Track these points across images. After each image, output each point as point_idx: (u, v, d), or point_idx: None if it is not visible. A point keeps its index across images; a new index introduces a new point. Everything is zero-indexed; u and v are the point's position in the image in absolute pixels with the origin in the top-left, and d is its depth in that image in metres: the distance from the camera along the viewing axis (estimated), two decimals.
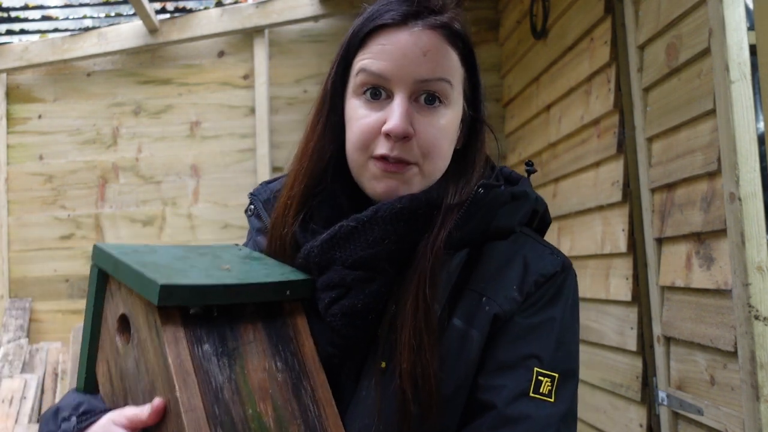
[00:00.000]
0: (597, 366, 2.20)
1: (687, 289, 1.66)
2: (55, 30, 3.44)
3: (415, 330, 0.71)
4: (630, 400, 1.98)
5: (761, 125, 1.80)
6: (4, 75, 3.43)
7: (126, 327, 0.69)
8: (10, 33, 3.42)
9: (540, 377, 0.72)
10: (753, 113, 1.41)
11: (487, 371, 0.73)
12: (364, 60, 0.76)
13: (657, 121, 1.78)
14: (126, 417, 0.66)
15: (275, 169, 3.27)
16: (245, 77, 3.37)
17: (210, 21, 3.32)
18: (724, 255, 1.48)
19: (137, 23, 3.31)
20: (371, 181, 0.77)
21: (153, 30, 3.31)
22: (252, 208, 0.88)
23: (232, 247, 0.83)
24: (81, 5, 3.35)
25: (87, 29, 3.40)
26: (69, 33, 3.41)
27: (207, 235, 3.31)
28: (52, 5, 3.35)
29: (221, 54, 3.40)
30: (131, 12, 3.34)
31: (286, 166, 0.89)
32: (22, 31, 3.43)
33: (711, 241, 1.54)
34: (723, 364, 1.51)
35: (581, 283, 2.27)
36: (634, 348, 1.92)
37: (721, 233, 1.49)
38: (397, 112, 0.74)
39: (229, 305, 0.69)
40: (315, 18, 3.30)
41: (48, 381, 3.10)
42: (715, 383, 1.53)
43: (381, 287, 0.74)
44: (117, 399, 0.71)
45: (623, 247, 1.98)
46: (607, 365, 2.12)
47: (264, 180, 0.94)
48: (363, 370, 0.75)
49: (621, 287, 2.01)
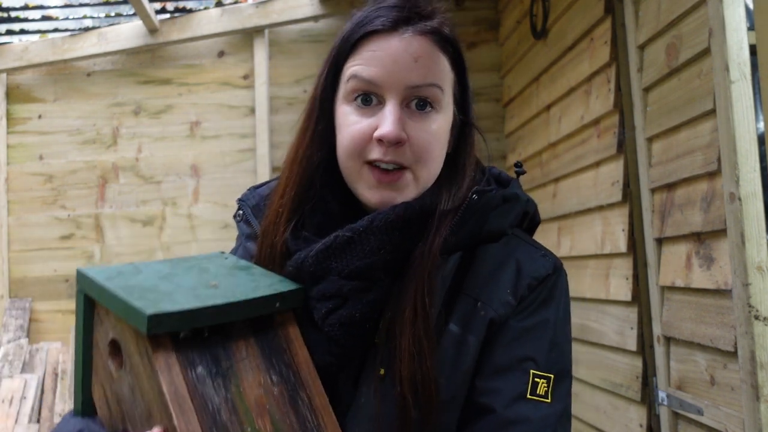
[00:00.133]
0: (597, 366, 2.20)
1: (687, 289, 1.66)
2: (55, 30, 3.44)
3: (414, 337, 0.71)
4: (630, 400, 1.98)
5: (761, 125, 1.80)
6: (4, 75, 3.43)
7: (118, 351, 0.69)
8: (10, 33, 3.42)
9: (536, 379, 0.73)
10: (753, 113, 1.41)
11: (484, 374, 0.74)
12: (354, 66, 0.76)
13: (657, 121, 1.78)
14: None
15: (275, 169, 3.27)
16: (245, 77, 3.37)
17: (210, 21, 3.32)
18: (724, 255, 1.48)
19: (137, 23, 3.31)
20: (366, 191, 0.77)
21: (153, 30, 3.31)
22: (240, 213, 0.88)
23: (217, 257, 0.81)
24: (81, 5, 3.35)
25: (87, 29, 3.40)
26: (69, 33, 3.41)
27: (207, 235, 3.31)
28: (52, 5, 3.34)
29: (221, 54, 3.40)
30: (131, 12, 3.34)
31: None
32: (22, 31, 3.43)
33: (711, 241, 1.54)
34: (723, 364, 1.51)
35: (581, 283, 2.29)
36: (634, 348, 1.92)
37: (721, 233, 1.49)
38: (390, 118, 0.74)
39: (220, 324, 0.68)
40: (315, 18, 3.30)
41: (48, 381, 3.10)
42: (715, 383, 1.53)
43: (377, 296, 0.75)
44: (115, 422, 0.70)
45: (623, 247, 1.98)
46: (607, 365, 2.12)
47: (253, 185, 0.94)
48: (361, 377, 0.75)
49: (621, 287, 2.01)
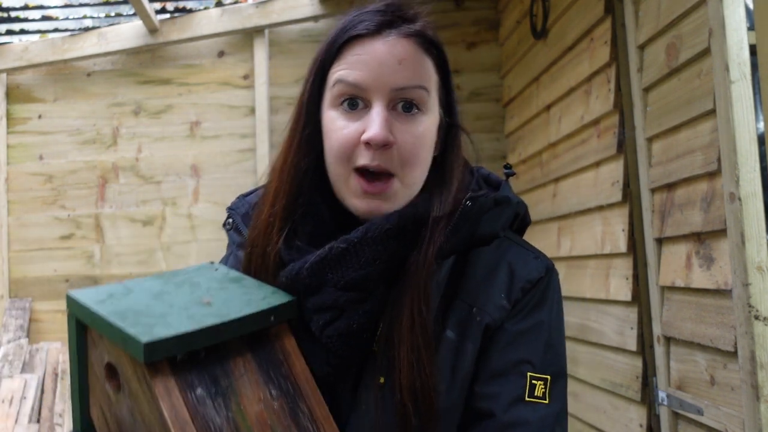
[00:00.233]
0: (597, 366, 2.20)
1: (687, 289, 1.66)
2: (55, 30, 3.44)
3: (413, 345, 0.72)
4: (630, 400, 1.98)
5: (761, 125, 1.80)
6: (4, 75, 3.43)
7: (114, 374, 0.68)
8: (10, 33, 3.42)
9: (533, 381, 0.74)
10: (753, 113, 1.41)
11: (482, 379, 0.75)
12: (340, 71, 0.76)
13: (657, 121, 1.78)
14: None
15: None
16: (245, 77, 3.37)
17: (210, 21, 3.32)
18: (724, 255, 1.48)
19: (137, 23, 3.31)
20: (353, 199, 0.77)
21: (153, 30, 3.31)
22: (231, 222, 0.88)
23: (207, 268, 0.81)
24: (81, 5, 3.35)
25: (87, 29, 3.40)
26: (69, 33, 3.41)
27: (207, 235, 3.31)
28: (52, 5, 3.35)
29: (221, 54, 3.40)
30: (131, 12, 3.34)
31: (263, 178, 0.89)
32: (22, 31, 3.44)
33: (711, 241, 1.54)
34: (723, 364, 1.51)
35: (581, 283, 2.29)
36: (634, 348, 1.92)
37: (721, 233, 1.49)
38: (377, 120, 0.74)
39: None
40: (315, 18, 3.30)
41: (48, 381, 3.10)
42: (715, 383, 1.53)
43: (374, 306, 0.75)
44: None
45: (623, 247, 1.98)
46: (607, 365, 2.12)
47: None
48: (360, 385, 0.75)
49: (621, 287, 2.01)
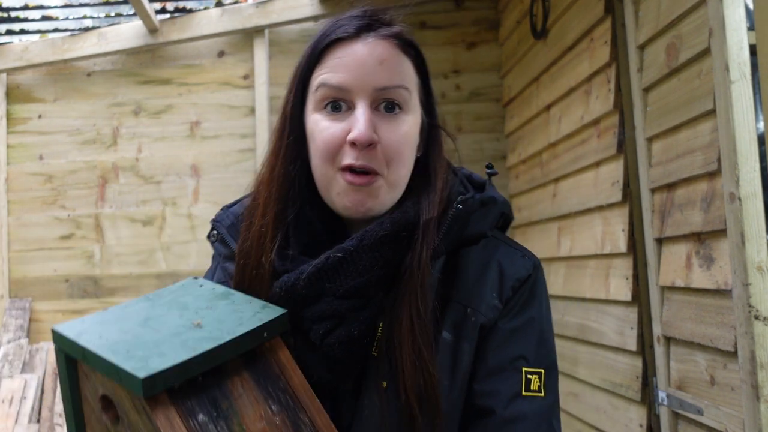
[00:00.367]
0: (597, 366, 2.20)
1: (687, 289, 1.66)
2: (55, 30, 3.44)
3: (414, 347, 0.73)
4: (630, 400, 1.98)
5: (761, 125, 1.80)
6: (4, 75, 3.43)
7: (110, 405, 0.68)
8: (10, 33, 3.42)
9: (529, 375, 0.77)
10: (753, 113, 1.41)
11: (480, 377, 0.77)
12: (322, 75, 0.78)
13: (657, 121, 1.78)
14: None
15: None
16: (245, 77, 3.37)
17: (210, 21, 3.32)
18: (724, 255, 1.48)
19: (137, 23, 3.31)
20: (339, 196, 0.78)
21: (153, 30, 3.31)
22: (215, 233, 0.88)
23: (192, 285, 0.80)
24: (81, 5, 3.35)
25: (87, 29, 3.40)
26: (69, 33, 3.41)
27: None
28: (52, 5, 3.35)
29: (221, 54, 3.40)
30: (131, 12, 3.34)
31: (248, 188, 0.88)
32: (22, 31, 3.43)
33: (711, 241, 1.54)
34: (723, 364, 1.51)
35: (581, 283, 2.29)
36: (634, 348, 1.92)
37: (721, 233, 1.49)
38: (361, 120, 0.75)
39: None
40: (315, 18, 3.29)
41: (48, 381, 3.10)
42: (715, 383, 1.53)
43: (372, 311, 0.76)
44: None
45: (623, 247, 1.98)
46: (607, 365, 2.12)
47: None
48: (363, 390, 0.76)
49: (621, 287, 2.01)
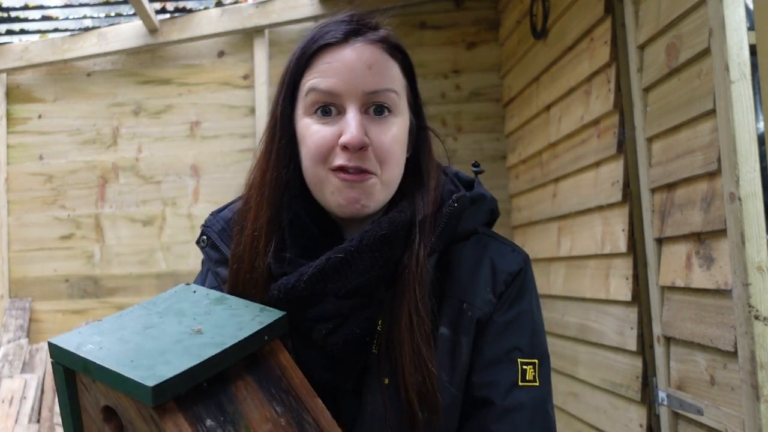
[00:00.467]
0: (597, 366, 2.20)
1: (687, 289, 1.66)
2: (55, 30, 3.44)
3: (414, 344, 0.74)
4: (630, 400, 1.98)
5: (761, 125, 1.80)
6: (4, 75, 3.43)
7: (113, 416, 0.68)
8: (10, 33, 3.42)
9: (524, 366, 0.80)
10: (753, 113, 1.41)
11: (478, 370, 0.79)
12: (312, 80, 0.78)
13: (657, 121, 1.78)
14: None
15: None
16: (245, 77, 3.37)
17: (210, 21, 3.32)
18: (724, 255, 1.48)
19: (137, 23, 3.31)
20: (333, 195, 0.78)
21: (153, 30, 3.31)
22: (205, 239, 0.88)
23: (185, 291, 0.80)
24: (81, 5, 3.35)
25: (87, 29, 3.40)
26: (69, 33, 3.41)
27: None
28: (52, 5, 3.35)
29: (221, 54, 3.40)
30: (131, 12, 3.34)
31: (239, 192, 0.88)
32: (22, 31, 3.44)
33: (711, 241, 1.54)
34: (723, 364, 1.51)
35: (581, 283, 2.29)
36: (634, 348, 1.92)
37: (721, 233, 1.49)
38: (352, 124, 0.76)
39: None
40: (315, 18, 3.29)
41: (48, 381, 3.10)
42: (715, 383, 1.53)
43: (373, 310, 0.77)
44: None
45: (623, 247, 1.98)
46: (607, 365, 2.12)
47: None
48: (364, 387, 0.77)
49: (621, 287, 2.01)
